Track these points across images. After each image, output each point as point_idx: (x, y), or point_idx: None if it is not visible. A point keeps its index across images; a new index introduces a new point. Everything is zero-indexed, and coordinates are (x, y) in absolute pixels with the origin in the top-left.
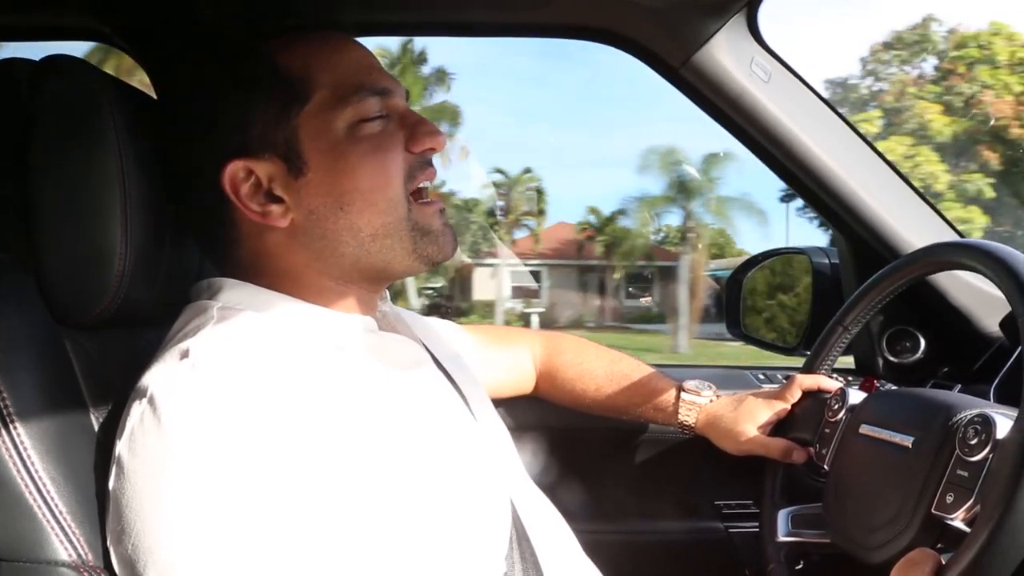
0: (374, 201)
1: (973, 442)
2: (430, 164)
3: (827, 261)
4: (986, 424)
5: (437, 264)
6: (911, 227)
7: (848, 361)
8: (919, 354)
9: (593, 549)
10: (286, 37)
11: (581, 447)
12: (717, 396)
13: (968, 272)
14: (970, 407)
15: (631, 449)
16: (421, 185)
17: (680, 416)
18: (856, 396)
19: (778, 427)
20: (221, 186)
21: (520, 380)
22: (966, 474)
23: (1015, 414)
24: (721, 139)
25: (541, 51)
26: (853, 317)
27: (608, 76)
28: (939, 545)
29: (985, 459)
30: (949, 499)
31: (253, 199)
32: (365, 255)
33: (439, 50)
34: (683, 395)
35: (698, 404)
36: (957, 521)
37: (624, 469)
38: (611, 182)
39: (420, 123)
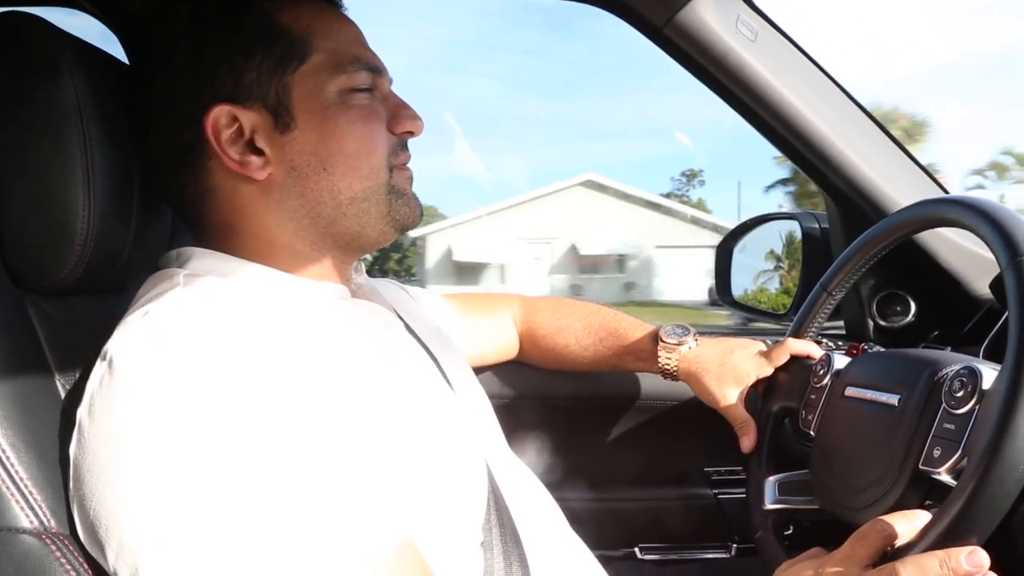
0: (357, 166)
1: (959, 394)
2: (407, 148)
3: (817, 226)
4: (972, 376)
5: (407, 229)
6: (897, 185)
7: (839, 326)
8: (909, 317)
9: (582, 517)
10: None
11: (569, 415)
12: (697, 340)
13: (957, 233)
14: (956, 362)
15: (619, 417)
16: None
17: (660, 362)
18: (841, 361)
19: (765, 393)
20: (202, 129)
21: (504, 345)
22: (952, 427)
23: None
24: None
25: (540, 22)
26: (837, 282)
27: (607, 47)
28: (927, 502)
29: (971, 411)
30: (936, 453)
31: (233, 146)
32: (341, 218)
33: (433, 24)
34: (660, 341)
35: (677, 349)
36: (943, 475)
37: (612, 437)
38: (611, 154)
39: (403, 106)
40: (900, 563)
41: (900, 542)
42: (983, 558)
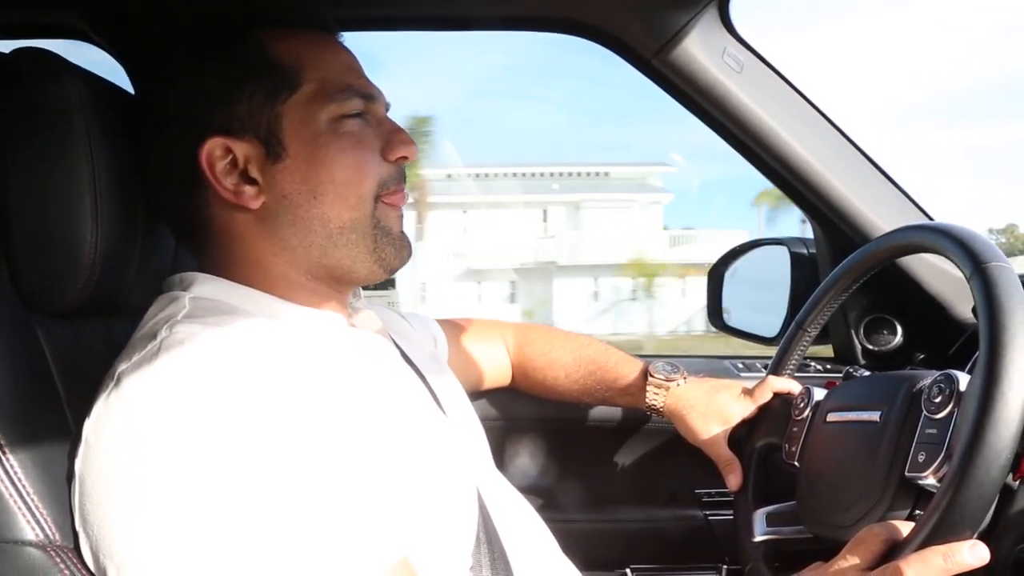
0: (346, 195)
1: (938, 400)
2: (403, 179)
3: (805, 251)
4: (949, 381)
5: (394, 271)
6: (879, 210)
7: (828, 350)
8: (897, 340)
9: (573, 537)
10: (279, 29)
11: (560, 437)
12: (685, 379)
13: (941, 258)
14: (934, 375)
15: (610, 438)
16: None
17: (648, 399)
18: (820, 394)
19: (748, 430)
20: (198, 161)
21: (497, 373)
22: (934, 431)
23: None
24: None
25: (599, 48)
26: (811, 319)
27: None
28: (916, 512)
29: (951, 413)
30: (921, 458)
31: (227, 177)
32: (332, 248)
33: (485, 49)
34: (649, 378)
35: (666, 387)
36: (929, 478)
37: (603, 458)
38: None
39: (396, 131)
40: (903, 561)
41: (896, 544)
42: (985, 552)
